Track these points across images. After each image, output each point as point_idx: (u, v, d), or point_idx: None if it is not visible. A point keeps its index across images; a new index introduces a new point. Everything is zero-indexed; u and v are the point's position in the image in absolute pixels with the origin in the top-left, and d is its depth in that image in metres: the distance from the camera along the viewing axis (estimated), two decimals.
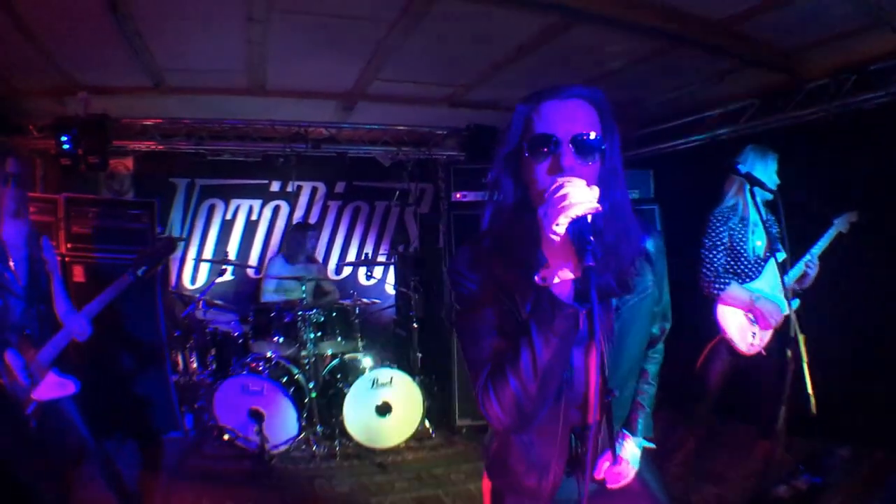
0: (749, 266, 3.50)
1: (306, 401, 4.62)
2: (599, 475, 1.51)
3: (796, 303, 3.30)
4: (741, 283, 3.47)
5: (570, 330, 1.23)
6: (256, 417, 4.29)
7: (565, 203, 1.13)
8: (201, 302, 4.95)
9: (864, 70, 3.85)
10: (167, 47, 3.78)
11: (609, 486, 1.53)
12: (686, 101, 5.07)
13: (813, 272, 3.52)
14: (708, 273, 3.47)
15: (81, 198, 4.59)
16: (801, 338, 2.97)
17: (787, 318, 3.20)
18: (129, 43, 3.52)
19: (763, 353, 3.48)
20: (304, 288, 4.68)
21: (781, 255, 3.31)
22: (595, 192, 1.19)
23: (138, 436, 4.38)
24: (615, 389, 1.32)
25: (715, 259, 3.45)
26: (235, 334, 5.07)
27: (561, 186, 1.17)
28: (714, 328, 3.55)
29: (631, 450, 1.61)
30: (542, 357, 1.24)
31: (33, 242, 2.93)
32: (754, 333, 3.48)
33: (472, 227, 1.61)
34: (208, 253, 6.47)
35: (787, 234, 3.30)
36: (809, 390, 2.92)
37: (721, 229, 3.46)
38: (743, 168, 3.39)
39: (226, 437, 4.43)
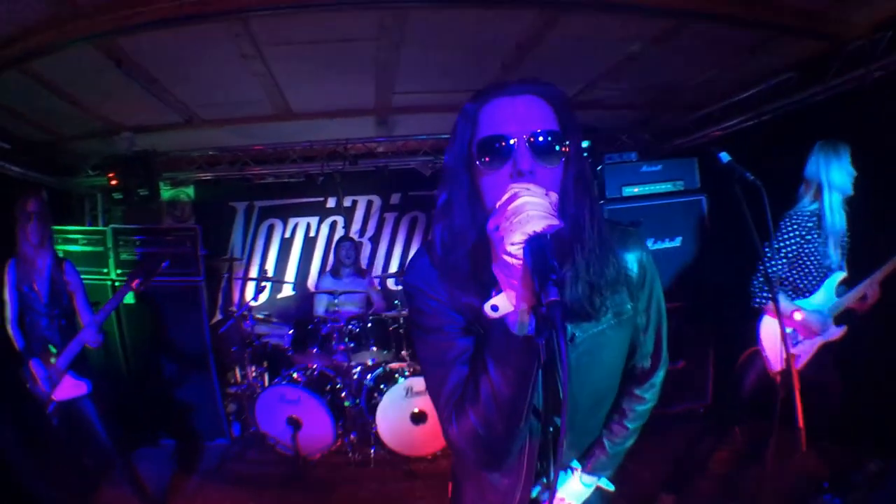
0: (812, 282, 3.14)
1: (342, 409, 4.79)
2: None
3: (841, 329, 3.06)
4: (795, 299, 3.16)
5: (531, 365, 1.08)
6: (294, 425, 4.52)
7: (520, 217, 0.97)
8: (249, 316, 5.27)
9: None
10: (185, 87, 4.10)
11: None
12: (723, 83, 4.70)
13: (871, 299, 3.11)
14: (756, 283, 3.15)
15: (127, 228, 5.08)
16: (790, 357, 2.57)
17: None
18: (146, 89, 3.85)
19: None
20: (336, 301, 4.88)
21: (840, 274, 3.04)
22: (554, 199, 1.05)
23: (182, 440, 4.79)
24: (572, 420, 1.26)
25: (770, 269, 3.06)
26: (285, 347, 5.37)
27: (515, 196, 1.01)
28: (753, 337, 3.28)
29: (574, 487, 1.48)
30: (502, 394, 1.11)
31: (56, 267, 3.40)
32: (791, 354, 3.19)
33: None
34: (269, 273, 6.82)
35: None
36: (800, 423, 2.52)
37: (791, 237, 3.10)
38: (813, 172, 3.11)
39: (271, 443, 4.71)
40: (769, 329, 3.20)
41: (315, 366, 4.92)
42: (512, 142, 1.13)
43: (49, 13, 2.83)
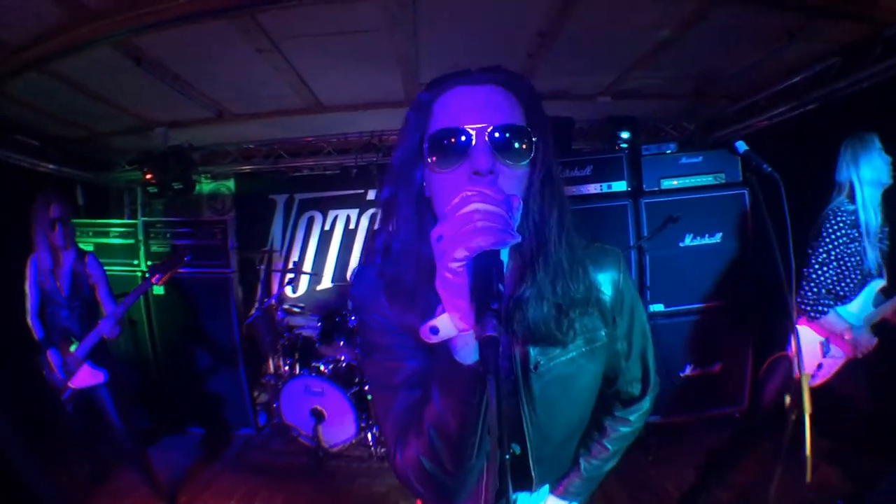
0: (851, 288, 2.92)
1: (367, 403, 4.78)
2: None
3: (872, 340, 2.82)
4: (837, 306, 2.94)
5: (480, 397, 0.95)
6: (317, 416, 4.55)
7: (467, 228, 0.82)
8: (280, 308, 5.34)
9: None
10: (209, 82, 4.16)
11: None
12: (765, 71, 4.41)
13: None
14: (810, 294, 2.91)
15: (157, 220, 5.23)
16: (805, 378, 2.37)
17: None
18: (169, 85, 3.92)
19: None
20: None
21: (879, 282, 2.84)
22: (516, 205, 0.89)
23: (208, 429, 4.90)
24: (541, 453, 1.18)
25: (822, 277, 2.88)
26: (315, 339, 5.41)
27: (467, 200, 0.86)
28: (783, 342, 3.07)
29: None
30: (448, 425, 0.99)
31: (78, 261, 3.55)
32: (821, 364, 2.97)
33: None
34: (308, 264, 6.90)
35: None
36: (808, 452, 2.28)
37: (837, 238, 2.87)
38: (843, 172, 2.93)
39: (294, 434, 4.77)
40: (802, 334, 2.96)
41: (343, 358, 4.93)
42: (470, 136, 1.00)
43: (62, 16, 2.91)
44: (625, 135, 5.34)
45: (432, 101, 1.09)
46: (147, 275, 3.49)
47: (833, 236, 2.86)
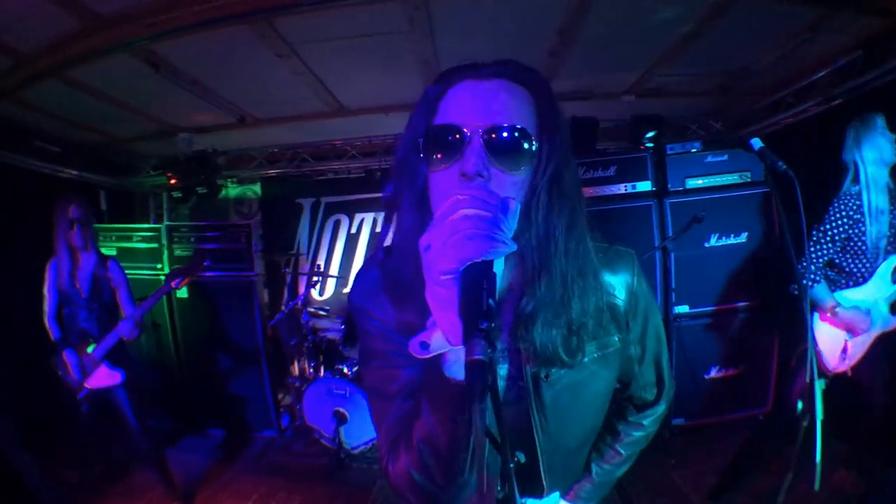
0: (864, 267, 2.93)
1: None
2: None
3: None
4: (849, 287, 2.96)
5: (468, 414, 0.85)
6: (339, 418, 4.56)
7: (457, 237, 0.77)
8: (304, 311, 5.38)
9: None
10: (229, 87, 4.22)
11: None
12: (789, 66, 4.32)
13: None
14: (801, 266, 2.94)
15: (181, 225, 5.29)
16: (819, 384, 2.33)
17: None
18: (189, 91, 3.99)
19: (848, 373, 2.92)
20: None
21: (894, 260, 2.81)
22: (514, 209, 0.83)
23: (230, 431, 4.95)
24: (552, 462, 1.14)
25: (816, 253, 2.95)
26: (339, 341, 5.43)
27: (457, 204, 0.80)
28: (804, 334, 3.03)
29: None
30: (439, 441, 0.94)
31: (100, 265, 3.60)
32: (845, 350, 2.92)
33: None
34: (335, 268, 6.93)
35: None
36: (819, 457, 2.22)
37: (838, 222, 2.93)
38: (848, 154, 2.97)
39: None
40: (819, 324, 3.00)
41: None
42: (465, 135, 0.94)
43: (77, 25, 2.99)
44: (650, 134, 5.27)
45: (440, 95, 1.04)
46: (166, 279, 3.53)
47: (834, 217, 2.92)
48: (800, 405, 2.58)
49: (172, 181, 4.89)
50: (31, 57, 3.26)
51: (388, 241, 1.15)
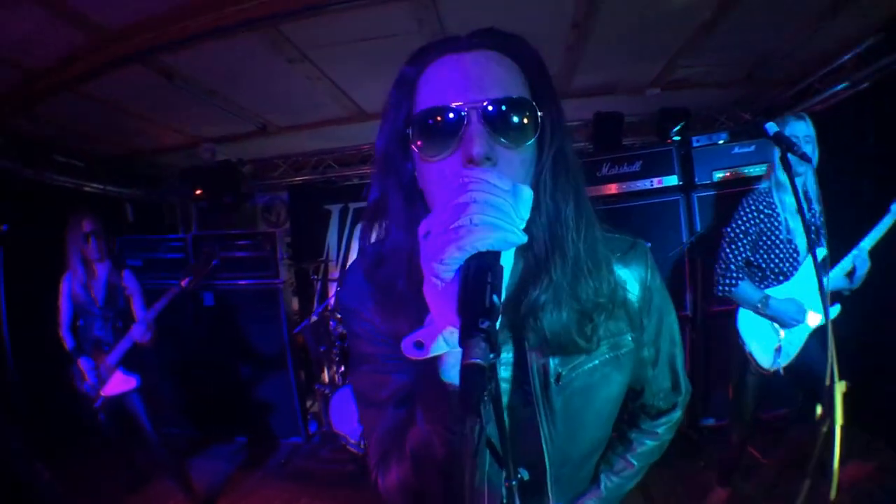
0: (784, 262, 2.86)
1: None
2: None
3: (836, 309, 2.68)
4: (775, 284, 2.89)
5: (472, 426, 0.77)
6: None
7: (460, 224, 0.69)
8: (331, 317, 5.38)
9: None
10: (246, 96, 4.26)
11: None
12: (814, 52, 4.17)
13: (863, 270, 2.79)
14: (719, 269, 2.92)
15: (207, 234, 5.35)
16: (839, 387, 2.15)
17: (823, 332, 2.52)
18: (206, 101, 4.04)
19: (781, 372, 2.87)
20: None
21: (822, 252, 2.73)
22: (526, 196, 0.76)
23: (256, 438, 4.96)
24: (559, 473, 1.04)
25: (733, 253, 2.90)
26: None
27: (464, 187, 0.72)
28: (736, 338, 3.02)
29: None
30: (435, 452, 0.86)
31: (115, 275, 3.67)
32: (779, 348, 2.85)
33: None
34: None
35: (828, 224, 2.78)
36: (836, 465, 2.08)
37: (748, 219, 2.91)
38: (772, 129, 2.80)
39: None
40: (748, 320, 2.95)
41: None
42: (460, 115, 0.83)
43: (84, 39, 3.06)
44: (677, 127, 5.14)
45: (418, 76, 0.92)
46: (179, 279, 3.56)
47: (738, 220, 2.91)
48: (818, 409, 2.43)
49: (198, 192, 4.97)
50: (42, 73, 3.34)
51: (368, 245, 1.05)
